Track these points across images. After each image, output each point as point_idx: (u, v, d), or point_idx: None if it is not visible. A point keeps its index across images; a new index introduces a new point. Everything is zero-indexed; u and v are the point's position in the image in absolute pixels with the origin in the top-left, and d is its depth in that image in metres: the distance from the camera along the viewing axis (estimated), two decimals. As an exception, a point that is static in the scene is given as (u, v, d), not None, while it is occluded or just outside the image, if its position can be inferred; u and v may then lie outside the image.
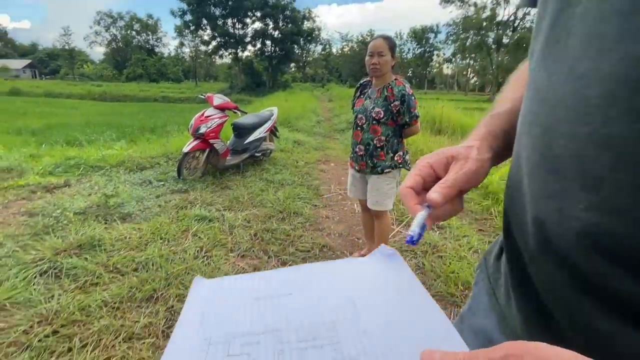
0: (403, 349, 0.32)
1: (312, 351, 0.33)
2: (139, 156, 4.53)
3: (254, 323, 0.37)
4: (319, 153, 5.93)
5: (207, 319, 0.38)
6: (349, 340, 0.34)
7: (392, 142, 2.04)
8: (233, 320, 0.38)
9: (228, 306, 0.40)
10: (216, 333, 0.36)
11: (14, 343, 1.52)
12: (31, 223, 2.60)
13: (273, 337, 0.35)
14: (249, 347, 0.34)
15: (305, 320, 0.37)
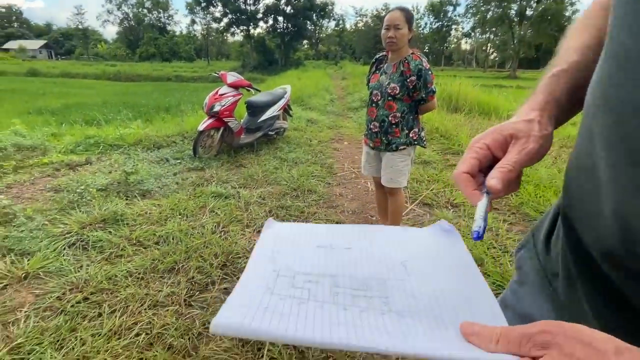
0: (445, 317, 0.34)
1: (363, 299, 0.36)
2: (156, 135, 4.61)
3: (314, 266, 0.42)
4: (333, 132, 5.90)
5: (276, 256, 0.44)
6: (397, 298, 0.37)
7: (407, 118, 2.01)
8: (298, 261, 0.43)
9: (294, 248, 0.46)
10: (284, 267, 0.41)
11: (49, 308, 1.63)
12: (57, 198, 2.72)
13: (330, 280, 0.39)
14: (309, 284, 0.39)
15: (360, 273, 0.41)
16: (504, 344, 0.28)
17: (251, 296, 0.36)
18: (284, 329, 0.31)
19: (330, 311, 0.34)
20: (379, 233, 0.50)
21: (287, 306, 0.35)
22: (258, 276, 0.40)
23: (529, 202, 3.00)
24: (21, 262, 1.92)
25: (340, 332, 0.31)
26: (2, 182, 3.01)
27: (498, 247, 2.33)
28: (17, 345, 1.40)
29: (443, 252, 0.45)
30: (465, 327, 0.32)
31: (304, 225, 0.53)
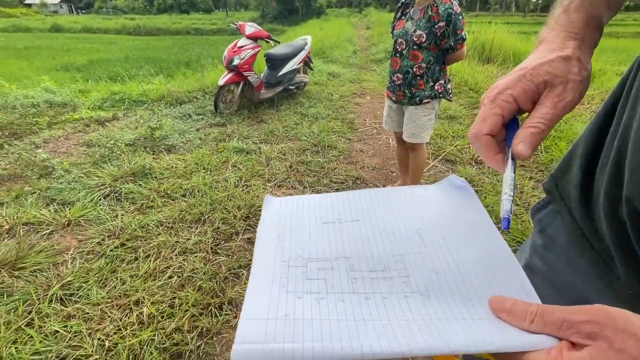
0: (471, 292, 0.32)
1: (382, 282, 0.34)
2: (177, 90, 4.63)
3: (325, 249, 0.39)
4: (355, 86, 5.70)
5: (282, 242, 0.41)
6: (417, 275, 0.35)
7: (433, 69, 1.90)
8: (306, 244, 0.40)
9: (300, 229, 0.42)
10: (293, 256, 0.38)
11: (91, 252, 1.80)
12: (90, 153, 2.86)
13: (345, 264, 0.37)
14: (324, 272, 0.36)
15: (375, 251, 0.38)
16: (540, 324, 0.26)
17: (267, 301, 0.33)
18: (310, 348, 0.28)
19: (353, 304, 0.32)
20: (386, 198, 0.46)
21: (307, 307, 0.32)
22: (268, 271, 0.37)
23: (559, 159, 2.86)
24: (63, 211, 2.09)
25: (370, 336, 0.29)
26: (39, 137, 3.18)
27: (521, 204, 2.29)
28: (67, 283, 1.57)
29: (458, 213, 0.41)
30: (495, 303, 0.29)
31: (305, 197, 0.48)
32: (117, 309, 1.46)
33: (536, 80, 0.34)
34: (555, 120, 0.34)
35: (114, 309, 1.46)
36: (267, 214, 0.46)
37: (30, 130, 3.34)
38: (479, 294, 0.32)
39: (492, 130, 0.35)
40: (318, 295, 0.33)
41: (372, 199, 0.46)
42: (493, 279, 0.33)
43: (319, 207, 0.46)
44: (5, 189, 2.33)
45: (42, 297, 1.49)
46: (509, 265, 0.34)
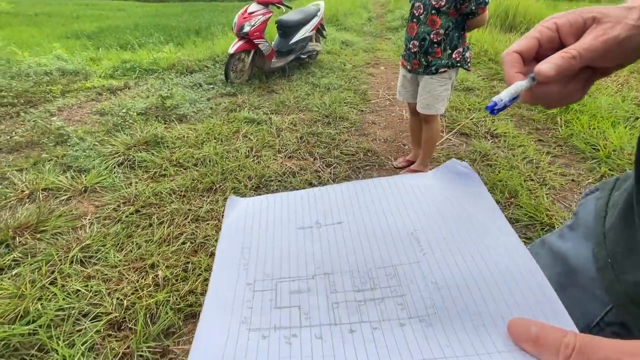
0: (484, 313, 0.26)
1: (372, 306, 0.28)
2: (188, 59, 4.56)
3: (300, 262, 0.32)
4: (369, 55, 5.51)
5: (248, 256, 0.34)
6: (415, 293, 0.28)
7: (451, 36, 1.81)
8: (277, 258, 0.33)
9: (269, 238, 0.35)
10: (260, 276, 0.31)
11: (108, 217, 1.85)
12: (103, 121, 2.89)
13: (325, 283, 0.30)
14: (298, 296, 0.29)
15: (361, 262, 0.31)
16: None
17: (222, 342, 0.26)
18: None
19: (334, 341, 0.26)
20: (374, 192, 0.39)
21: (274, 351, 0.25)
22: (227, 300, 0.30)
23: (580, 133, 2.76)
24: (80, 178, 2.14)
25: None
26: (53, 105, 3.21)
27: (536, 179, 2.24)
28: (86, 246, 1.64)
29: (462, 208, 0.34)
30: (516, 329, 0.23)
31: (277, 196, 0.40)
32: (134, 272, 1.53)
33: (585, 15, 0.31)
34: (591, 52, 0.29)
35: (131, 272, 1.53)
36: (231, 220, 0.38)
37: (44, 99, 3.37)
38: (494, 317, 0.25)
39: (523, 49, 0.32)
40: (289, 332, 0.27)
41: (358, 193, 0.39)
42: (512, 297, 0.26)
43: (293, 208, 0.38)
44: (24, 156, 2.39)
45: (63, 258, 1.57)
46: (530, 276, 0.27)
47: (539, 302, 0.25)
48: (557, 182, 2.22)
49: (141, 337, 1.26)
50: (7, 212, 1.85)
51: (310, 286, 0.30)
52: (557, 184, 2.20)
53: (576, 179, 2.28)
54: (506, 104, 0.31)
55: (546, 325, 0.23)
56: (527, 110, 3.29)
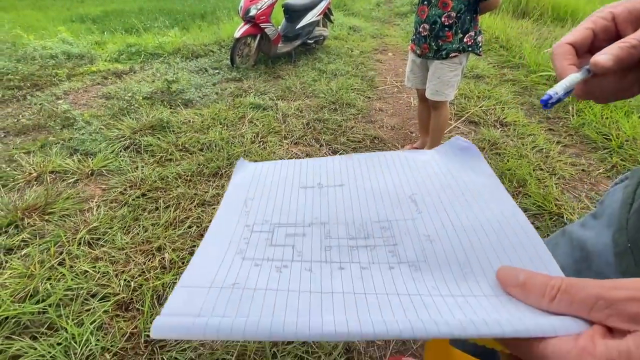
0: (473, 262, 0.26)
1: (363, 251, 0.28)
2: (193, 44, 4.51)
3: (299, 213, 0.33)
4: (376, 41, 5.41)
5: (250, 205, 0.35)
6: (407, 244, 0.29)
7: (463, 19, 1.76)
8: (277, 208, 0.34)
9: (272, 193, 0.37)
10: (259, 220, 0.33)
11: (115, 200, 1.86)
12: (109, 105, 2.88)
13: (320, 230, 0.31)
14: (293, 238, 0.30)
15: (357, 217, 0.32)
16: (565, 302, 0.20)
17: (214, 270, 0.27)
18: (253, 323, 0.21)
19: (322, 274, 0.26)
20: (377, 161, 0.40)
21: (264, 276, 0.26)
22: (225, 236, 0.31)
23: (592, 123, 2.70)
24: (86, 161, 2.15)
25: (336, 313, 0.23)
26: (59, 89, 3.21)
27: (546, 168, 2.20)
28: (93, 228, 1.65)
29: (461, 177, 0.35)
30: (505, 275, 0.24)
31: (283, 162, 0.42)
32: (141, 254, 1.54)
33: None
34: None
35: (138, 254, 1.54)
36: (237, 179, 0.40)
37: (50, 82, 3.36)
38: (484, 266, 0.26)
39: (576, 40, 0.30)
40: (281, 263, 0.28)
41: (362, 162, 0.40)
42: (502, 249, 0.27)
43: (298, 171, 0.40)
44: (31, 139, 2.40)
45: (71, 240, 1.58)
46: (523, 233, 0.28)
47: (530, 256, 0.26)
48: (567, 171, 2.18)
49: (148, 317, 1.27)
50: (16, 193, 1.87)
51: (305, 232, 0.31)
52: (566, 173, 2.16)
53: (586, 169, 2.24)
54: (561, 97, 0.30)
55: (534, 272, 0.23)
56: (538, 99, 3.21)
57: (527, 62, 4.03)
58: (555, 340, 0.19)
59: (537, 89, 3.43)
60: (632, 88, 0.30)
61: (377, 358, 1.20)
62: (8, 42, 4.26)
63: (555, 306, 0.21)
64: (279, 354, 1.18)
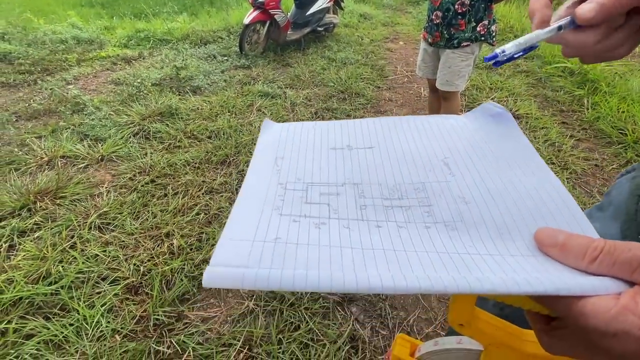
0: (510, 223, 0.26)
1: (398, 211, 0.28)
2: (202, 30, 4.47)
3: (331, 173, 0.33)
4: (388, 29, 5.31)
5: (281, 164, 0.35)
6: (442, 205, 0.29)
7: (477, 7, 1.71)
8: (308, 168, 0.34)
9: (302, 152, 0.36)
10: (292, 179, 0.33)
11: (124, 186, 1.89)
12: (118, 91, 2.89)
13: (354, 190, 0.31)
14: (327, 197, 0.30)
15: (390, 178, 0.32)
16: (607, 263, 0.20)
17: (255, 224, 0.28)
18: (302, 276, 0.22)
19: (361, 232, 0.26)
20: (406, 125, 0.39)
21: (304, 232, 0.26)
22: (260, 193, 0.31)
23: (607, 117, 2.63)
24: (96, 147, 2.17)
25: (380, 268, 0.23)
26: (69, 74, 3.22)
27: (558, 162, 2.17)
28: (103, 213, 1.68)
29: (494, 141, 0.34)
30: (544, 236, 0.23)
31: (311, 123, 0.42)
32: (150, 239, 1.56)
33: None
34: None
35: (147, 239, 1.56)
36: (265, 138, 0.40)
37: (60, 67, 3.38)
38: (520, 227, 0.25)
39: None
40: (319, 220, 0.28)
41: (390, 126, 0.39)
42: (538, 211, 0.26)
43: (326, 132, 0.39)
44: (42, 123, 2.42)
45: (82, 224, 1.61)
46: (560, 197, 0.27)
47: (567, 220, 0.25)
48: (579, 166, 2.14)
49: (157, 301, 1.30)
50: (28, 177, 1.90)
51: (339, 191, 0.31)
52: (579, 168, 2.12)
53: (600, 164, 2.19)
54: (512, 56, 0.28)
55: (574, 234, 0.22)
56: (552, 92, 3.14)
57: (542, 53, 3.92)
58: (594, 299, 0.19)
59: (551, 81, 3.35)
60: (619, 48, 0.28)
61: (381, 347, 1.21)
62: (19, 26, 4.27)
63: (596, 267, 0.20)
64: (284, 340, 1.20)
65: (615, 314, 0.18)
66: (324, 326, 1.25)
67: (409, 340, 0.41)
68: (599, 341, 0.19)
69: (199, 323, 1.26)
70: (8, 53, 3.47)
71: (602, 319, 0.18)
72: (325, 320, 1.28)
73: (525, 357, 0.30)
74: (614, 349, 0.18)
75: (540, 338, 0.24)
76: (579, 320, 0.19)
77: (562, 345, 0.22)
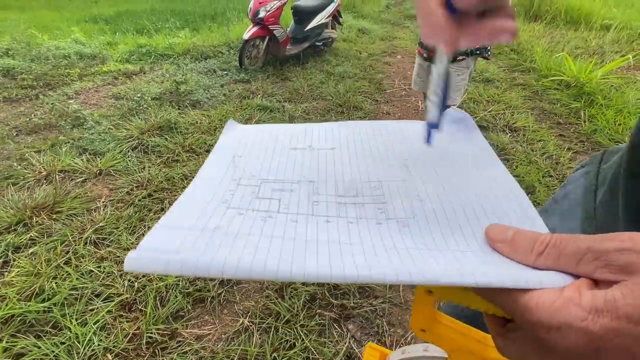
0: (462, 220, 0.26)
1: (351, 207, 0.28)
2: (202, 45, 4.55)
3: (287, 171, 0.33)
4: (385, 44, 5.39)
5: (237, 161, 0.34)
6: (397, 203, 0.28)
7: (473, 23, 1.73)
8: (265, 166, 0.34)
9: (262, 152, 0.36)
10: (247, 175, 0.32)
11: (121, 200, 1.88)
12: (118, 105, 2.92)
13: (308, 188, 0.30)
14: (281, 192, 0.30)
15: (347, 176, 0.32)
16: (553, 256, 0.20)
17: (196, 215, 0.27)
18: (234, 260, 0.21)
19: (308, 225, 0.26)
20: (370, 129, 0.40)
21: (248, 223, 0.26)
22: (211, 186, 0.31)
23: (604, 129, 2.64)
24: (95, 161, 2.17)
25: (320, 257, 0.22)
26: (70, 89, 3.26)
27: (555, 175, 2.16)
28: (99, 227, 1.67)
29: (454, 143, 0.35)
30: (493, 231, 0.23)
31: (274, 125, 0.42)
32: (145, 255, 1.55)
33: None
34: None
35: (142, 254, 1.55)
36: (226, 137, 0.39)
37: (62, 82, 3.42)
38: (473, 224, 0.25)
39: None
40: (266, 214, 0.27)
41: (354, 129, 0.40)
42: (491, 209, 0.27)
43: (289, 134, 0.39)
44: (42, 138, 2.44)
45: (77, 239, 1.60)
46: (513, 195, 0.28)
47: (519, 217, 0.26)
48: (577, 179, 2.13)
49: (151, 319, 1.28)
50: (25, 192, 1.90)
51: (293, 188, 0.30)
52: (577, 181, 2.12)
53: (598, 176, 2.19)
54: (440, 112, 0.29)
55: (523, 229, 0.22)
56: (549, 104, 3.16)
57: (538, 66, 3.97)
58: (540, 292, 0.19)
59: (547, 94, 3.38)
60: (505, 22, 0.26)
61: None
62: (23, 41, 4.34)
63: (543, 261, 0.20)
64: (279, 359, 1.17)
65: (558, 307, 0.18)
66: (319, 344, 1.23)
67: (378, 350, 0.41)
68: (546, 337, 0.18)
69: (193, 341, 1.24)
70: (11, 68, 3.52)
71: (546, 312, 0.18)
72: (321, 337, 1.25)
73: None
74: (559, 344, 0.18)
75: (496, 342, 0.24)
76: (525, 315, 0.19)
77: (515, 348, 0.22)
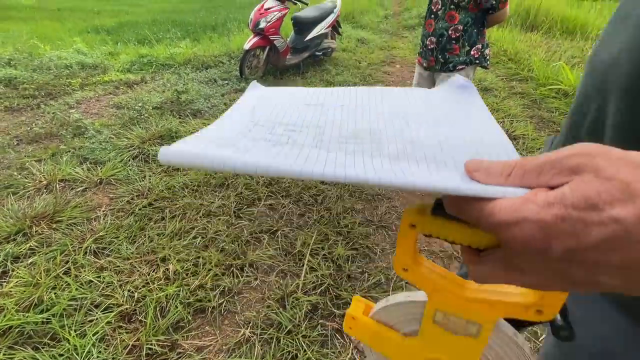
0: (448, 158, 0.29)
1: (351, 146, 0.32)
2: (203, 55, 4.59)
3: (299, 119, 0.38)
4: (384, 53, 5.45)
5: (257, 110, 0.40)
6: (392, 145, 0.32)
7: (470, 32, 1.76)
8: (280, 115, 0.39)
9: (279, 105, 0.42)
10: (262, 119, 0.38)
11: (121, 209, 1.88)
12: (119, 114, 2.93)
13: (315, 130, 0.35)
14: (290, 132, 0.35)
15: (352, 126, 0.36)
16: (518, 174, 0.22)
17: (219, 134, 0.33)
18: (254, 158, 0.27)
19: (310, 151, 0.30)
20: (379, 92, 0.45)
21: (258, 145, 0.31)
22: (233, 122, 0.36)
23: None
24: (95, 170, 2.17)
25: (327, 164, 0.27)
26: (72, 98, 3.28)
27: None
28: (99, 237, 1.66)
29: (453, 106, 0.40)
30: (471, 164, 0.26)
31: (292, 88, 0.48)
32: (145, 264, 1.54)
33: None
34: None
35: (142, 264, 1.54)
36: (249, 95, 0.46)
37: (64, 91, 3.44)
38: (456, 161, 0.28)
39: None
40: (276, 142, 0.32)
41: (363, 93, 0.45)
42: (476, 153, 0.30)
43: (305, 94, 0.45)
44: (43, 147, 2.44)
45: (77, 249, 1.59)
46: (499, 142, 0.31)
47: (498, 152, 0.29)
48: (578, 186, 2.14)
49: (151, 330, 1.26)
50: (25, 201, 1.89)
51: (302, 130, 0.35)
52: (578, 188, 2.12)
53: (598, 184, 2.19)
54: None
55: (497, 160, 0.25)
56: (548, 112, 3.19)
57: (536, 75, 4.00)
58: (503, 199, 0.22)
59: (546, 102, 3.40)
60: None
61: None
62: (25, 52, 4.39)
63: (511, 180, 0.23)
64: (281, 370, 1.16)
65: (517, 206, 0.21)
66: (322, 355, 1.21)
67: (363, 302, 0.45)
68: (505, 234, 0.21)
69: (193, 353, 1.22)
70: (13, 78, 3.54)
71: (506, 211, 0.21)
72: (323, 349, 1.24)
73: (465, 301, 0.34)
74: (516, 237, 0.20)
75: (471, 271, 0.26)
76: (489, 219, 0.22)
77: (487, 269, 0.25)
